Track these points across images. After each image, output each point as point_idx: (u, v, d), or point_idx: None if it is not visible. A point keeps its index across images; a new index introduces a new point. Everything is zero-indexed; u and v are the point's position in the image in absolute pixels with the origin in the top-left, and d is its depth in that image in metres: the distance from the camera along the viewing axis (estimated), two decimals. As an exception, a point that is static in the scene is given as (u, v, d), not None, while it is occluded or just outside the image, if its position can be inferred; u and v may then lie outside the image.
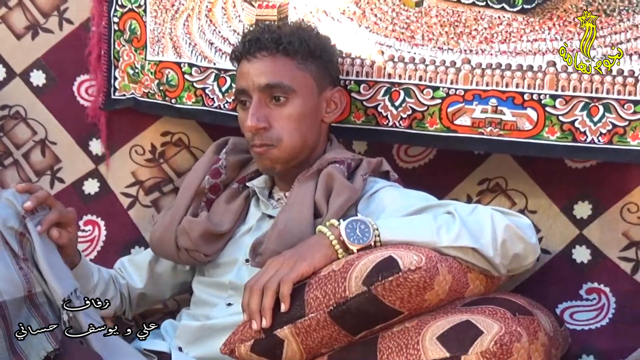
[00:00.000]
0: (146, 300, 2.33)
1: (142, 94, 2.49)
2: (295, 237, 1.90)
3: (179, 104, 2.41)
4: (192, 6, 2.38)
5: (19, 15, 2.60)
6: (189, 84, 2.39)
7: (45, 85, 2.61)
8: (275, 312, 1.72)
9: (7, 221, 1.85)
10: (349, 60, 2.20)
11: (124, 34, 2.49)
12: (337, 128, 2.20)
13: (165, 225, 2.16)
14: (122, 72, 2.51)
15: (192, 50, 2.39)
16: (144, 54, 2.46)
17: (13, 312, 1.78)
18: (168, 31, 2.41)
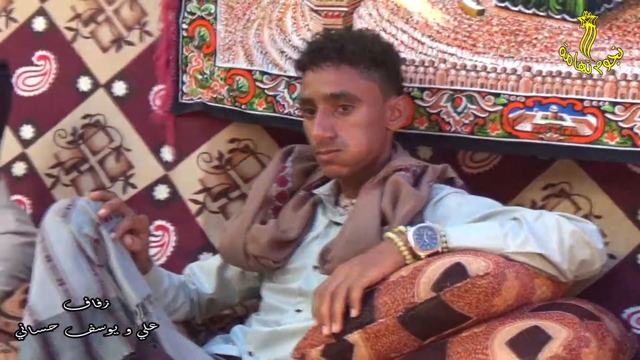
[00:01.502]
0: (215, 306, 2.35)
1: (210, 99, 2.53)
2: (363, 244, 1.90)
3: (250, 110, 2.45)
4: (263, 15, 2.43)
5: (106, 30, 2.72)
6: (259, 90, 2.44)
7: (125, 95, 2.70)
8: (345, 317, 1.72)
9: (82, 228, 1.88)
10: (413, 68, 2.22)
11: (193, 40, 2.55)
12: (401, 134, 2.20)
13: (234, 232, 2.18)
14: (190, 77, 2.57)
15: (264, 58, 2.43)
16: (213, 60, 2.52)
17: (89, 317, 1.81)
18: (240, 39, 2.47)
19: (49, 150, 2.77)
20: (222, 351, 2.11)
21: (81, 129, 2.73)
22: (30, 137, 2.79)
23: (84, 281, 1.84)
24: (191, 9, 2.54)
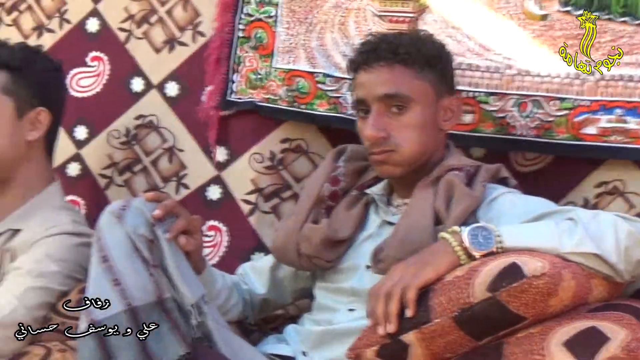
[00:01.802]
0: (268, 306, 2.36)
1: (261, 99, 2.55)
2: (416, 244, 1.90)
3: (310, 110, 2.48)
4: (325, 19, 2.47)
5: (159, 31, 2.75)
6: (322, 92, 2.47)
7: (178, 95, 2.72)
8: (401, 317, 1.72)
9: (138, 229, 1.90)
10: (479, 74, 2.25)
11: (249, 41, 2.58)
12: (469, 137, 2.25)
13: (286, 232, 2.19)
14: (241, 77, 2.59)
15: (326, 61, 2.46)
16: (269, 62, 2.54)
17: (145, 317, 1.84)
18: (302, 42, 2.50)
19: (103, 150, 2.79)
20: (276, 351, 2.13)
21: (134, 129, 2.75)
22: (84, 137, 2.82)
23: (139, 281, 1.86)
24: (249, 11, 2.57)
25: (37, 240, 2.19)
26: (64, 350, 1.99)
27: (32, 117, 2.33)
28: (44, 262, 2.14)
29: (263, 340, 2.26)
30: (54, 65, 2.42)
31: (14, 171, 2.33)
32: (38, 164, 2.37)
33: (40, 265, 2.13)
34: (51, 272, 2.13)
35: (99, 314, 1.83)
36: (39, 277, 2.11)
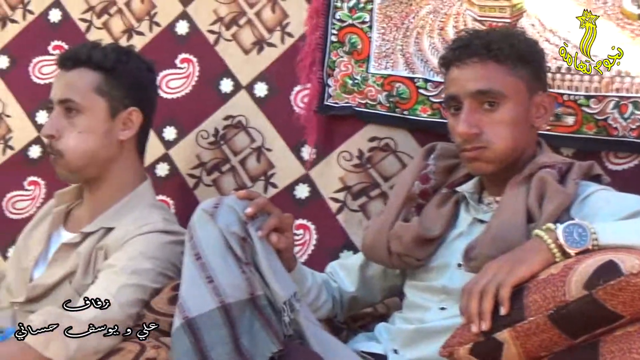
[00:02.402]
0: (357, 304, 2.36)
1: (358, 104, 2.56)
2: (509, 241, 1.89)
3: (413, 116, 2.50)
4: (422, 24, 2.49)
5: (247, 33, 2.78)
6: (423, 97, 2.48)
7: (266, 96, 2.74)
8: (494, 315, 1.71)
9: (230, 226, 1.93)
10: (578, 77, 2.24)
11: (343, 45, 2.60)
12: (570, 138, 2.27)
13: (377, 230, 2.19)
14: (335, 82, 2.60)
15: (425, 66, 2.48)
16: (364, 67, 2.56)
17: (237, 314, 1.86)
18: (399, 47, 2.52)
19: (191, 151, 2.82)
20: (367, 349, 2.13)
21: (223, 130, 2.77)
22: (173, 138, 2.84)
23: (232, 279, 1.89)
24: (341, 17, 2.59)
25: (129, 238, 2.22)
26: (158, 347, 2.00)
27: (124, 117, 2.37)
28: (137, 259, 2.16)
29: (353, 338, 2.27)
30: (146, 65, 2.46)
31: (107, 170, 2.37)
32: (130, 163, 2.41)
33: (134, 263, 2.15)
34: (144, 269, 2.15)
35: (193, 311, 1.86)
36: (133, 275, 2.13)
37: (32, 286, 2.33)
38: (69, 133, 2.32)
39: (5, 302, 2.42)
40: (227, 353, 1.82)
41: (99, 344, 2.02)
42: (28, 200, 3.03)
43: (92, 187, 2.41)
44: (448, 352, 1.79)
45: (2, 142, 3.10)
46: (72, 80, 2.36)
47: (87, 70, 2.35)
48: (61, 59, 2.40)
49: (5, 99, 3.10)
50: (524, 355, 1.72)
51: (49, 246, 2.42)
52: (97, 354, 2.02)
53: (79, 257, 2.28)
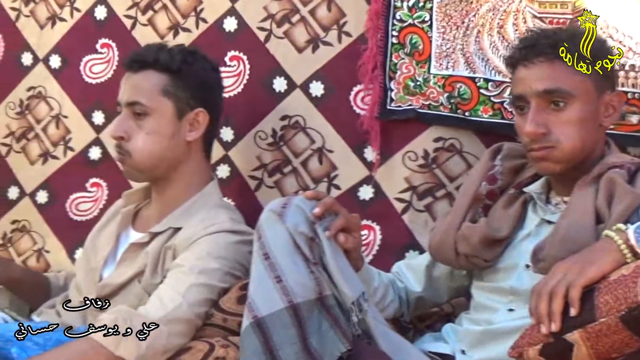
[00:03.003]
0: (423, 304, 2.38)
1: (421, 106, 2.56)
2: (578, 242, 1.89)
3: (474, 117, 2.49)
4: (482, 22, 2.47)
5: (300, 31, 2.77)
6: (484, 97, 2.47)
7: (323, 95, 2.73)
8: (564, 316, 1.72)
9: (298, 226, 1.96)
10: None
11: (404, 47, 2.59)
12: (634, 137, 2.25)
13: (443, 231, 2.21)
14: (398, 84, 2.60)
15: (486, 66, 2.47)
16: (426, 68, 2.56)
17: (306, 313, 1.89)
18: (459, 47, 2.51)
19: (251, 152, 2.82)
20: (435, 349, 2.15)
21: (280, 130, 2.77)
22: (231, 139, 2.85)
23: (300, 278, 1.92)
24: (402, 17, 2.58)
25: (197, 238, 2.26)
26: (227, 346, 2.03)
27: (191, 118, 2.41)
28: (205, 259, 2.20)
29: (419, 338, 2.29)
30: (212, 65, 2.49)
31: (175, 171, 2.42)
32: (197, 164, 2.46)
33: (202, 263, 2.19)
34: (212, 269, 2.19)
35: (262, 311, 1.89)
36: (201, 274, 2.17)
37: (102, 285, 2.39)
38: (137, 135, 2.38)
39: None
40: (295, 353, 1.85)
41: (168, 343, 2.06)
42: (91, 202, 3.08)
43: (160, 188, 2.46)
44: (517, 353, 1.80)
45: (62, 143, 3.15)
46: (139, 83, 2.41)
47: (154, 72, 2.40)
48: (128, 62, 2.45)
49: (61, 100, 3.16)
50: (594, 357, 1.71)
51: (117, 246, 2.49)
52: (166, 352, 2.06)
53: (148, 257, 2.33)
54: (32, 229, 3.17)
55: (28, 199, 3.18)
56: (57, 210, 3.12)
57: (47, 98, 3.19)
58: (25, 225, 3.18)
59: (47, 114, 3.19)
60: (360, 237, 2.14)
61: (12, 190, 3.22)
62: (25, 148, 3.22)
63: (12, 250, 3.20)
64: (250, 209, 2.58)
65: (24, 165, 3.21)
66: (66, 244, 3.10)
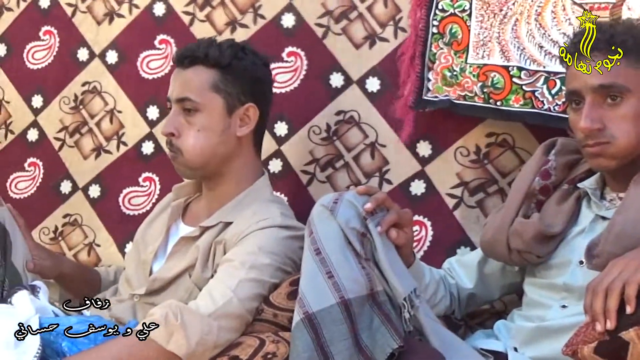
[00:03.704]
0: (475, 301, 2.38)
1: (457, 97, 2.54)
2: (634, 239, 1.87)
3: (505, 106, 2.46)
4: (521, 10, 2.44)
5: (358, 27, 2.78)
6: (517, 86, 2.44)
7: (379, 91, 2.74)
8: (620, 314, 1.70)
9: (350, 222, 1.96)
10: None
11: (443, 37, 2.58)
12: None
13: (496, 226, 2.20)
14: (436, 75, 2.59)
15: (521, 54, 2.43)
16: (464, 58, 2.54)
17: (357, 309, 1.89)
18: (496, 35, 2.48)
19: (304, 146, 2.83)
20: (487, 346, 2.14)
21: (335, 125, 2.78)
22: (284, 134, 2.86)
23: (351, 274, 1.92)
24: (443, 6, 2.57)
25: (248, 233, 2.25)
26: (277, 342, 2.03)
27: (241, 113, 2.41)
28: (255, 254, 2.19)
29: (471, 335, 2.29)
30: (262, 60, 2.49)
31: (226, 166, 2.42)
32: (248, 159, 2.45)
33: (253, 258, 2.19)
34: (263, 264, 2.19)
35: (313, 306, 1.89)
36: (252, 269, 2.17)
37: (152, 279, 2.40)
38: (188, 131, 2.38)
39: (125, 294, 2.49)
40: (347, 349, 1.85)
41: (218, 338, 2.06)
42: (144, 196, 3.10)
43: (211, 182, 2.46)
44: (571, 351, 1.78)
45: (116, 138, 3.17)
46: (189, 79, 2.41)
47: (204, 68, 2.40)
48: (178, 58, 2.45)
49: (116, 95, 3.18)
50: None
51: (167, 239, 2.50)
52: (216, 347, 2.06)
53: (198, 251, 2.33)
54: (83, 223, 3.20)
55: (80, 193, 3.21)
56: (109, 204, 3.16)
57: (102, 93, 3.22)
58: (77, 219, 3.21)
59: (101, 109, 3.22)
60: (412, 232, 2.15)
61: (65, 185, 3.25)
62: (78, 142, 3.25)
63: (63, 244, 3.23)
64: (302, 204, 2.59)
65: (77, 159, 3.24)
66: (117, 237, 3.13)
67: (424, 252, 2.61)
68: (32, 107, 3.34)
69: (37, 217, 3.25)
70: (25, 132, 3.35)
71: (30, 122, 3.34)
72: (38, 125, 3.32)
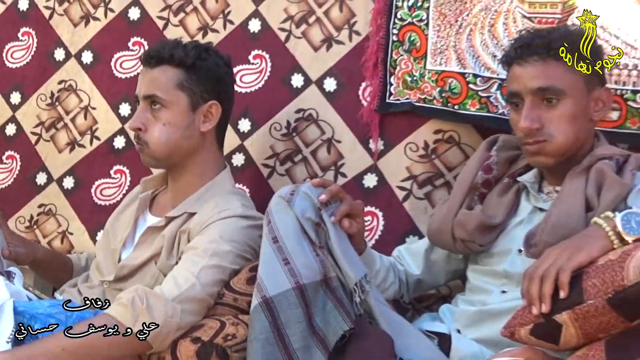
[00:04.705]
0: (422, 286, 2.38)
1: (417, 100, 2.55)
2: (568, 229, 1.88)
3: (463, 110, 2.47)
4: (475, 21, 2.45)
5: (316, 31, 2.77)
6: (473, 92, 2.45)
7: (335, 90, 2.73)
8: (554, 298, 1.71)
9: (305, 212, 1.96)
10: (626, 72, 2.22)
11: (402, 44, 2.58)
12: (615, 133, 2.21)
13: (442, 217, 2.20)
14: (397, 79, 2.59)
15: (476, 62, 2.45)
16: (422, 64, 2.54)
17: (312, 294, 1.89)
18: (452, 44, 2.49)
19: (265, 142, 2.82)
20: (432, 328, 2.14)
21: (294, 122, 2.77)
22: (247, 130, 2.84)
23: (306, 261, 1.92)
24: (402, 15, 2.58)
25: (210, 223, 2.24)
26: (237, 324, 2.02)
27: (204, 110, 2.39)
28: (217, 242, 2.18)
29: (418, 317, 2.29)
30: (224, 60, 2.47)
31: (189, 159, 2.40)
32: (210, 153, 2.44)
33: (214, 246, 2.18)
34: (224, 251, 2.17)
35: (270, 291, 1.89)
36: (214, 256, 2.15)
37: (121, 266, 2.38)
38: (154, 125, 2.36)
39: (95, 280, 2.48)
40: (301, 331, 1.86)
41: (182, 320, 2.05)
42: (115, 187, 3.07)
43: (175, 175, 2.45)
44: (509, 333, 1.80)
45: (89, 133, 3.14)
46: (156, 77, 2.39)
47: (170, 67, 2.38)
48: (145, 57, 2.43)
49: (91, 93, 3.15)
50: (582, 337, 1.71)
51: (135, 229, 2.48)
52: (180, 329, 2.05)
53: (164, 240, 2.32)
54: (57, 212, 3.16)
55: (55, 185, 3.18)
56: (82, 195, 3.13)
57: (77, 91, 3.18)
58: (51, 209, 3.18)
59: (76, 106, 3.18)
60: (364, 222, 2.15)
61: (40, 176, 3.22)
62: (54, 137, 3.22)
63: (38, 232, 3.20)
64: (263, 195, 2.57)
65: (52, 153, 3.21)
66: (89, 226, 3.10)
67: (375, 240, 2.60)
68: (11, 103, 3.30)
69: (13, 207, 3.22)
70: (4, 127, 3.31)
71: (8, 118, 3.30)
72: (16, 120, 3.29)
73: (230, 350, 1.99)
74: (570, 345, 1.74)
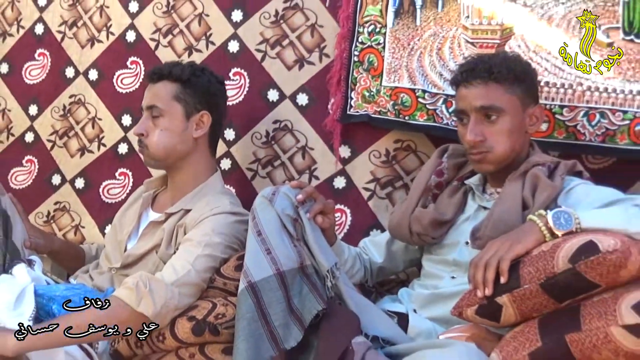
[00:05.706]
0: (384, 272, 2.39)
1: (374, 112, 2.55)
2: (508, 225, 1.90)
3: (412, 121, 2.47)
4: (425, 45, 2.45)
5: (290, 53, 2.75)
6: (421, 105, 2.45)
7: (307, 104, 2.72)
8: (496, 283, 1.74)
9: (285, 210, 1.97)
10: (555, 90, 2.23)
11: (362, 64, 2.58)
12: (545, 142, 2.22)
13: (401, 214, 2.21)
14: (357, 94, 2.58)
15: (425, 80, 2.45)
16: (379, 81, 2.54)
17: (290, 279, 1.90)
18: (405, 64, 2.49)
19: (248, 149, 2.80)
20: (392, 308, 2.15)
21: (272, 132, 2.76)
22: (232, 138, 2.83)
23: (286, 251, 1.93)
24: (362, 40, 2.57)
25: (203, 218, 2.24)
26: (227, 305, 2.03)
27: (197, 119, 2.39)
28: (209, 235, 2.18)
29: (380, 299, 2.29)
30: (217, 79, 2.48)
31: (184, 161, 2.41)
32: (203, 157, 2.44)
33: (207, 238, 2.17)
34: (215, 242, 2.17)
35: (255, 277, 1.90)
36: (207, 247, 2.15)
37: (126, 255, 2.38)
38: (154, 131, 2.37)
39: (104, 267, 2.48)
40: (282, 310, 1.86)
41: (179, 302, 2.04)
42: (119, 187, 3.06)
43: (173, 175, 2.45)
44: (458, 312, 1.82)
45: (97, 140, 3.13)
46: (157, 90, 2.40)
47: (169, 82, 2.40)
48: (149, 74, 2.44)
49: (97, 106, 3.14)
50: (519, 315, 1.74)
51: (139, 223, 2.48)
52: (177, 309, 2.04)
53: (164, 233, 2.33)
54: (71, 209, 3.15)
55: (68, 185, 3.17)
56: (91, 194, 3.12)
57: (86, 104, 3.17)
58: (65, 206, 3.16)
59: (85, 117, 3.16)
60: (335, 218, 2.16)
61: (55, 178, 3.21)
62: (66, 144, 3.20)
63: (54, 226, 3.18)
64: (247, 195, 2.57)
65: (65, 157, 3.20)
66: (98, 221, 3.09)
67: (344, 233, 2.60)
68: (29, 114, 3.28)
69: (33, 204, 3.20)
70: (23, 135, 3.29)
71: (27, 127, 3.29)
72: (34, 129, 3.27)
73: (220, 327, 2.00)
74: (509, 323, 1.76)
